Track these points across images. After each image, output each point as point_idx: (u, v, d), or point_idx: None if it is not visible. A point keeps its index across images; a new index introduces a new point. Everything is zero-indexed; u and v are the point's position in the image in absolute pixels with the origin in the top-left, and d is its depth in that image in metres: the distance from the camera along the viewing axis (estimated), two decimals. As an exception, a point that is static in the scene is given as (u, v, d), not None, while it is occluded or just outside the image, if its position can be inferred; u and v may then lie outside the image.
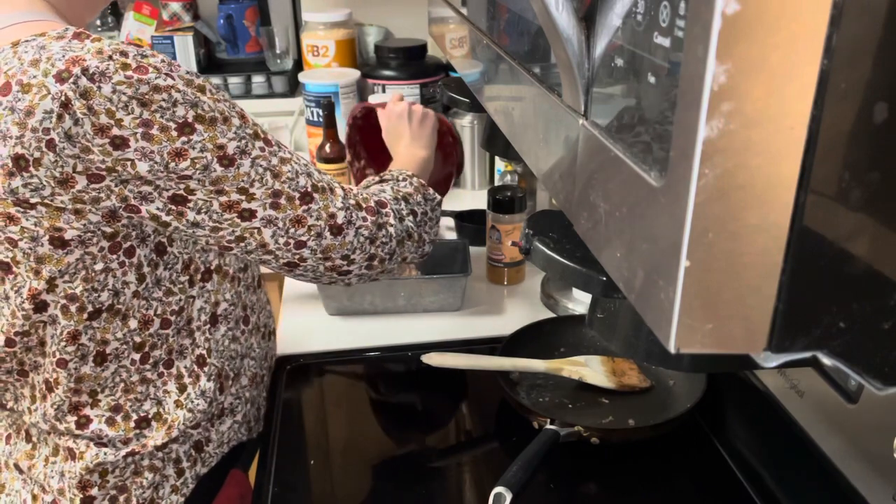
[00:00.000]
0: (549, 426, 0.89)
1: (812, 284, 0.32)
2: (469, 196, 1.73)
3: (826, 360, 0.33)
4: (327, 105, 1.47)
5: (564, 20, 0.41)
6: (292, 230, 0.78)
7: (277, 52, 1.98)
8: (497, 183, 1.66)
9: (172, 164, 0.69)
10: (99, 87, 0.65)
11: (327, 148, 1.48)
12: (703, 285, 0.31)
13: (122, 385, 0.82)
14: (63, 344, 0.77)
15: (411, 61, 1.81)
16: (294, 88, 2.00)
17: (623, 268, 0.37)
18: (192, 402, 0.85)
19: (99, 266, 0.74)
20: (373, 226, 0.85)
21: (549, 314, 1.20)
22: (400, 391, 1.10)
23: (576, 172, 0.43)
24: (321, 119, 1.60)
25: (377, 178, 0.97)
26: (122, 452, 0.82)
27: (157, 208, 0.72)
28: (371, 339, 1.17)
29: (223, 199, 0.73)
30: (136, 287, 0.77)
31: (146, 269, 0.77)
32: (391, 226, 0.87)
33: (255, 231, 0.77)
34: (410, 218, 0.90)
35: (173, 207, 0.72)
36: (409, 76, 1.79)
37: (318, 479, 0.92)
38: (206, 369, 0.86)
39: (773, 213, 0.30)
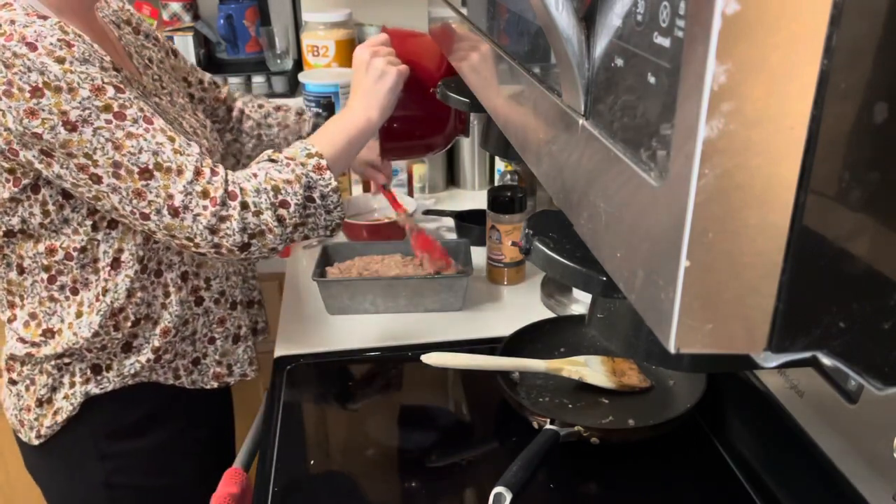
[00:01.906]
0: (549, 426, 0.89)
1: (812, 284, 0.32)
2: (469, 196, 1.73)
3: (826, 360, 0.33)
4: (327, 105, 1.47)
5: (564, 20, 0.41)
6: (135, 201, 0.85)
7: (277, 52, 1.98)
8: (497, 183, 1.66)
9: (26, 121, 0.81)
10: None
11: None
12: (703, 285, 0.31)
13: (38, 297, 0.97)
14: None
15: (411, 61, 1.81)
16: (294, 88, 1.99)
17: (623, 268, 0.37)
18: (80, 328, 0.97)
19: (6, 195, 0.90)
20: (212, 217, 0.85)
21: (549, 314, 1.20)
22: (400, 391, 1.10)
23: (576, 172, 0.43)
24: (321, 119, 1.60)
25: (267, 156, 0.94)
26: (24, 351, 0.99)
27: (33, 156, 0.85)
28: (371, 339, 1.17)
29: (75, 160, 0.84)
30: (41, 220, 0.92)
31: (51, 207, 0.91)
32: (236, 220, 0.86)
33: (105, 195, 0.86)
34: (272, 211, 0.88)
35: (44, 158, 0.85)
36: (409, 76, 1.78)
37: (318, 479, 0.92)
38: (98, 305, 0.97)
39: (772, 213, 0.30)
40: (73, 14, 0.90)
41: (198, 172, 0.86)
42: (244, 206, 0.86)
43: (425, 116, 1.15)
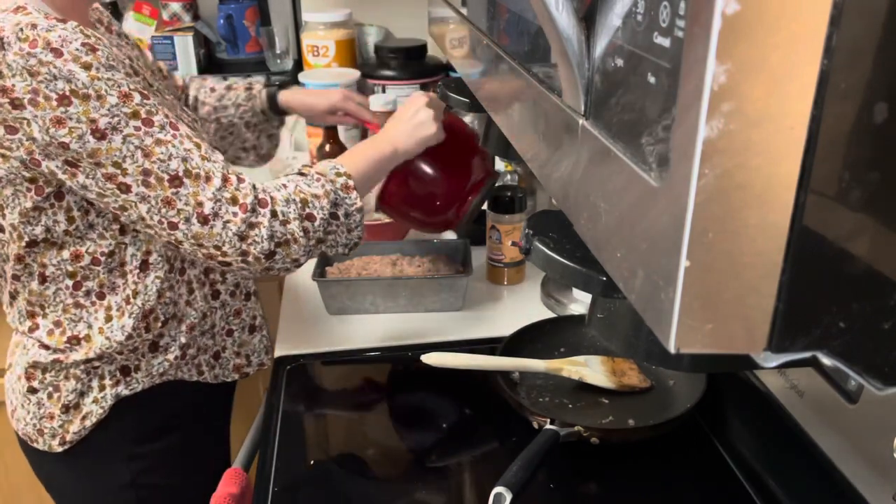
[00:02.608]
0: (549, 426, 0.89)
1: (812, 284, 0.32)
2: (469, 196, 1.72)
3: (826, 360, 0.33)
4: (327, 105, 1.46)
5: (564, 20, 0.41)
6: (164, 210, 0.84)
7: (277, 52, 1.98)
8: (497, 183, 1.66)
9: (53, 130, 0.80)
10: (4, 55, 0.78)
11: (327, 148, 1.48)
12: (703, 285, 0.31)
13: (61, 305, 0.96)
14: (12, 262, 0.94)
15: (411, 61, 1.81)
16: (294, 88, 1.99)
17: (623, 268, 0.37)
18: (112, 332, 0.96)
19: (29, 204, 0.88)
20: (242, 224, 0.85)
21: (549, 314, 1.20)
22: (400, 391, 1.10)
23: (576, 172, 0.43)
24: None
25: (297, 170, 0.95)
26: (50, 358, 0.97)
27: (56, 166, 0.83)
28: (371, 339, 1.17)
29: (103, 170, 0.82)
30: (66, 227, 0.90)
31: (76, 213, 0.90)
32: (265, 227, 0.86)
33: (133, 204, 0.85)
34: (299, 222, 0.88)
35: (68, 168, 0.83)
36: (409, 76, 1.79)
37: (318, 479, 0.92)
38: (129, 308, 0.96)
39: (773, 213, 0.30)
40: (74, 14, 0.89)
41: (225, 179, 0.86)
42: (273, 214, 0.87)
43: (432, 191, 1.17)
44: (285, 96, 1.29)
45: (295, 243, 0.88)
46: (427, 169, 1.14)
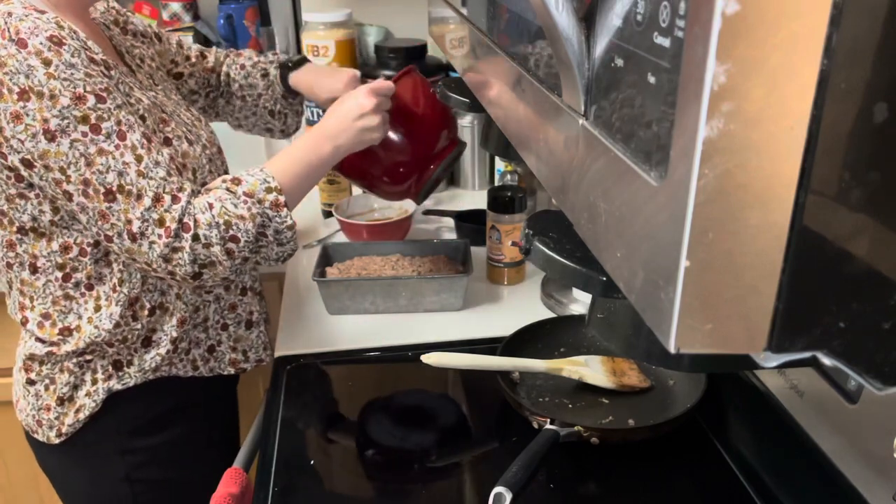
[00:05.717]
0: (549, 426, 0.89)
1: (812, 284, 0.32)
2: (469, 196, 1.73)
3: (826, 360, 0.33)
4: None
5: (564, 20, 0.41)
6: (100, 222, 0.86)
7: (277, 52, 1.98)
8: (497, 183, 1.66)
9: (11, 125, 0.81)
10: None
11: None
12: (703, 285, 0.31)
13: (51, 297, 0.96)
14: (5, 250, 0.95)
15: (411, 61, 1.81)
16: (294, 88, 1.99)
17: (623, 268, 0.37)
18: (101, 321, 0.97)
19: (13, 191, 0.89)
20: (165, 248, 0.86)
21: (549, 314, 1.20)
22: (400, 391, 1.10)
23: (576, 172, 0.43)
24: (321, 119, 1.60)
25: (225, 186, 0.92)
26: (44, 350, 0.98)
27: (19, 161, 0.84)
28: (371, 339, 1.17)
29: (52, 175, 0.83)
30: (51, 217, 0.91)
31: (60, 203, 0.89)
32: (187, 252, 0.87)
33: (78, 212, 0.86)
34: (222, 246, 0.88)
35: (24, 167, 0.84)
36: (409, 76, 1.78)
37: (318, 479, 0.92)
38: (116, 296, 0.97)
39: (773, 212, 0.30)
40: (70, 12, 0.90)
41: (157, 199, 0.85)
42: (195, 238, 0.87)
43: (392, 159, 1.14)
44: (296, 79, 1.26)
45: (220, 265, 0.90)
46: (389, 138, 1.11)
